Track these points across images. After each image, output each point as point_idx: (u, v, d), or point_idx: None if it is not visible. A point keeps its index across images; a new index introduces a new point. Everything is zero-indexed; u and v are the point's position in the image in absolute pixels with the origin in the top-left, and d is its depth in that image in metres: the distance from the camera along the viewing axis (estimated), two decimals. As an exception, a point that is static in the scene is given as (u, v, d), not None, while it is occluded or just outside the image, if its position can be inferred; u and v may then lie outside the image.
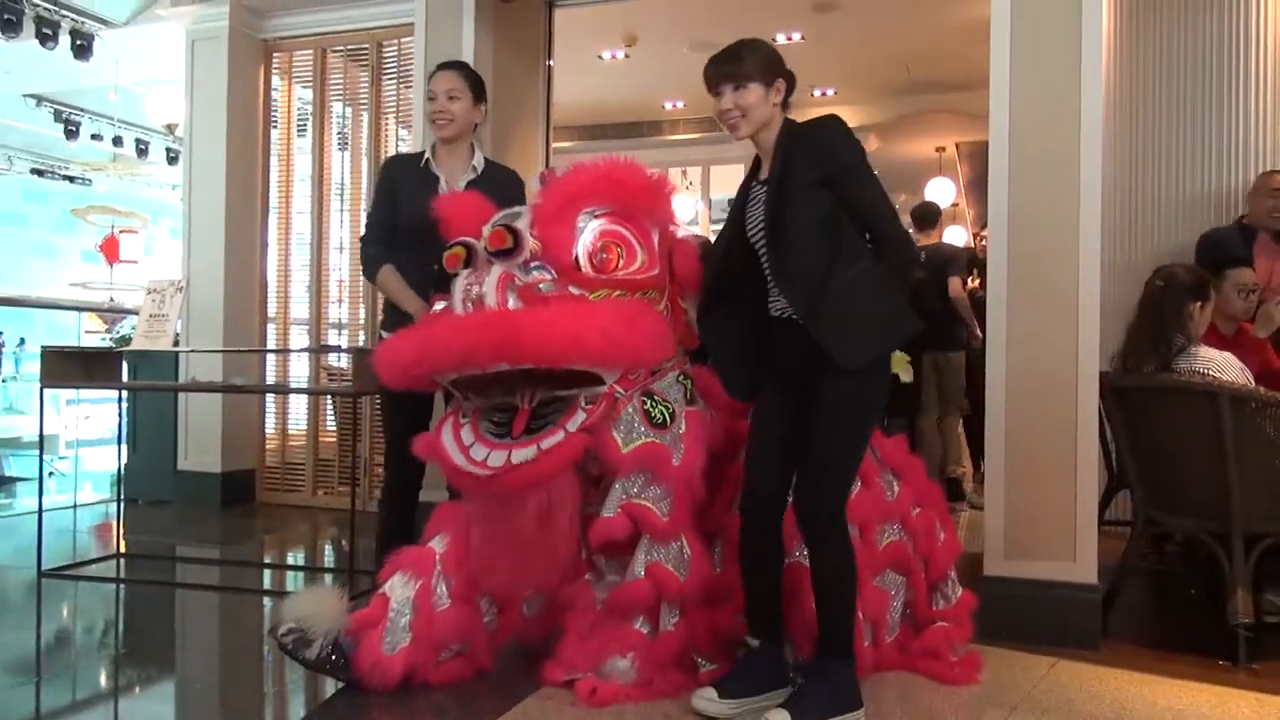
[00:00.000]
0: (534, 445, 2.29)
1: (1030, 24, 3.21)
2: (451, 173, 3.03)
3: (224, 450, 5.35)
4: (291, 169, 5.61)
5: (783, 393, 2.38)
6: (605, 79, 7.92)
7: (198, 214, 5.42)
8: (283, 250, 5.60)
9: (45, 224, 11.94)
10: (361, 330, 5.40)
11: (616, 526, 2.40)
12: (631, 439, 2.40)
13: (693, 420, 2.51)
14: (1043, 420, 3.12)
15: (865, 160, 2.32)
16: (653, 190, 2.52)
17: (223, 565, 4.18)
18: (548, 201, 2.43)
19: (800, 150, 2.30)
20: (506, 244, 2.30)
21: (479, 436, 2.34)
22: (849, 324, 2.22)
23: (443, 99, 3.00)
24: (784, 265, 2.29)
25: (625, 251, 2.43)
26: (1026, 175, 3.20)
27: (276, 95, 5.64)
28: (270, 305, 5.59)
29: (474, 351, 2.15)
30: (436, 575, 2.48)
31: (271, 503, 5.48)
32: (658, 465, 2.41)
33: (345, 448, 5.34)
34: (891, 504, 2.74)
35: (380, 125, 5.38)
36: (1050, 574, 3.09)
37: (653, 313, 2.38)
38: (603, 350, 2.19)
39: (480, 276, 2.31)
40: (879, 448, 2.90)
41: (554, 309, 2.21)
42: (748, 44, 2.37)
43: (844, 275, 2.22)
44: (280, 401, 5.58)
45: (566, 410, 2.32)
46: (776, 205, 2.30)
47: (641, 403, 2.43)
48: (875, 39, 7.03)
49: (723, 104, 2.34)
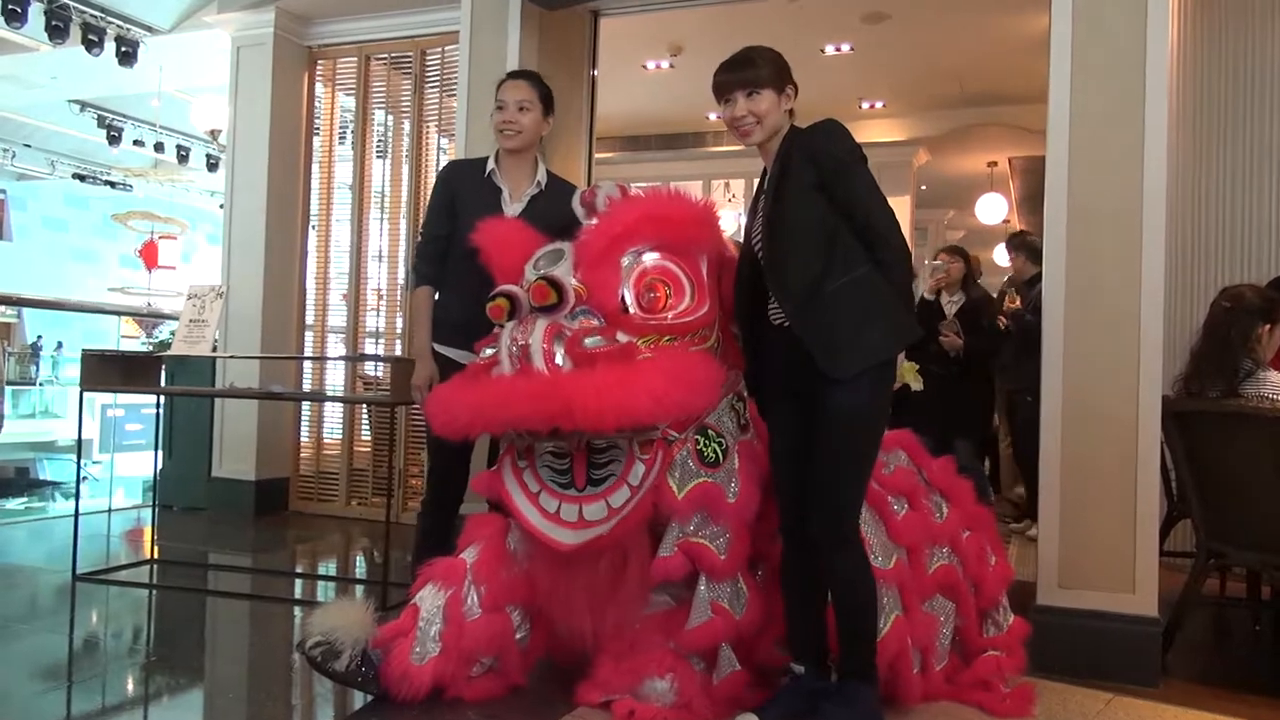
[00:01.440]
0: (602, 500, 2.33)
1: (1091, 35, 3.18)
2: (515, 186, 3.00)
3: (258, 458, 5.43)
4: (332, 177, 5.70)
5: (789, 405, 2.37)
6: (649, 89, 7.96)
7: (238, 220, 5.52)
8: (321, 258, 5.68)
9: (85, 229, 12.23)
10: (398, 339, 5.45)
11: (674, 566, 2.40)
12: (686, 482, 2.40)
13: (744, 453, 2.50)
14: (1101, 445, 3.06)
15: (860, 161, 2.31)
16: (698, 221, 2.47)
17: (254, 574, 4.22)
18: (590, 244, 2.41)
19: (797, 153, 2.31)
20: (550, 299, 2.29)
21: (544, 484, 2.38)
22: (841, 332, 2.20)
23: (512, 109, 2.96)
24: (778, 270, 2.29)
25: (673, 289, 2.39)
26: (1085, 193, 3.15)
27: (319, 102, 5.74)
28: (308, 313, 5.67)
29: (526, 422, 2.19)
30: (467, 584, 2.49)
31: (305, 512, 5.54)
32: (713, 504, 2.41)
33: (380, 458, 5.38)
34: (940, 526, 2.71)
35: (422, 133, 5.45)
36: (1107, 605, 3.03)
37: (702, 362, 2.33)
38: (653, 413, 2.18)
39: (526, 327, 2.30)
40: (926, 468, 2.87)
41: (601, 375, 2.17)
42: (759, 50, 2.40)
43: (838, 281, 2.21)
44: (316, 410, 5.64)
45: (624, 458, 2.34)
46: (772, 208, 2.31)
47: (695, 442, 2.43)
48: (927, 51, 6.99)
49: (736, 110, 2.36)
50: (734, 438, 2.51)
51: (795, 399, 2.34)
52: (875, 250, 2.24)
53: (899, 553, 2.57)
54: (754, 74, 2.35)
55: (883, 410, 2.32)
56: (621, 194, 2.53)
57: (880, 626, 2.40)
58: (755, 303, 2.42)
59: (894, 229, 2.28)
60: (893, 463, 2.76)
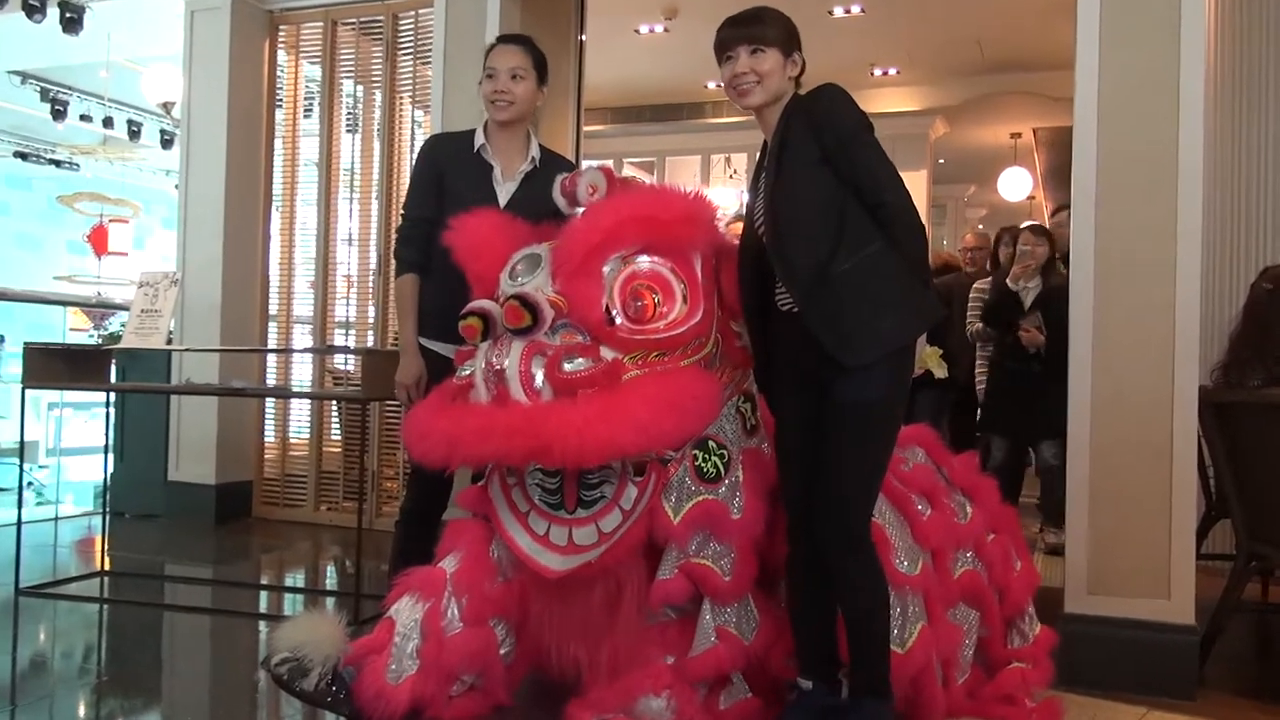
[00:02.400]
0: (592, 524, 2.34)
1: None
2: (507, 163, 2.98)
3: (219, 460, 5.42)
4: (297, 153, 5.68)
5: (797, 396, 2.37)
6: (642, 56, 7.95)
7: (194, 201, 5.50)
8: (286, 242, 5.66)
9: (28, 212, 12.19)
10: (370, 330, 5.45)
11: (675, 590, 2.40)
12: (683, 503, 2.39)
13: (750, 462, 2.49)
14: (1132, 439, 3.07)
15: (867, 129, 2.30)
16: (689, 218, 2.40)
17: (215, 586, 4.21)
18: (568, 253, 2.36)
19: (798, 123, 2.31)
20: (524, 322, 2.25)
21: (533, 504, 2.39)
22: (851, 315, 2.20)
23: (504, 77, 2.93)
24: (783, 252, 2.28)
25: (663, 295, 2.35)
26: (1116, 166, 3.16)
27: (282, 72, 5.72)
28: (272, 302, 5.66)
29: (504, 457, 2.19)
30: (447, 596, 2.49)
31: (270, 518, 5.54)
32: (715, 523, 2.40)
33: (351, 459, 5.38)
34: (964, 528, 2.72)
35: (395, 106, 5.43)
36: (1140, 612, 3.04)
37: (696, 381, 2.31)
38: (640, 446, 2.17)
39: (502, 349, 2.28)
40: (947, 466, 2.87)
41: (584, 406, 2.15)
42: (768, 9, 2.40)
43: (849, 261, 2.21)
44: (281, 407, 5.64)
45: (616, 479, 2.34)
46: (774, 185, 2.30)
47: (692, 458, 2.42)
48: (944, 13, 6.99)
49: (737, 67, 2.35)
50: (738, 446, 2.51)
51: (806, 390, 2.34)
52: (887, 226, 2.24)
53: (924, 556, 2.57)
54: (761, 30, 2.35)
55: (899, 400, 2.32)
56: (606, 181, 2.48)
57: (905, 638, 2.40)
58: (762, 288, 2.41)
59: (907, 202, 2.27)
60: (911, 460, 2.76)
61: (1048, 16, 6.52)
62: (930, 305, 2.29)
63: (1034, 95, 8.35)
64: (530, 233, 2.57)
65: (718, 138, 9.75)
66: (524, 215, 2.68)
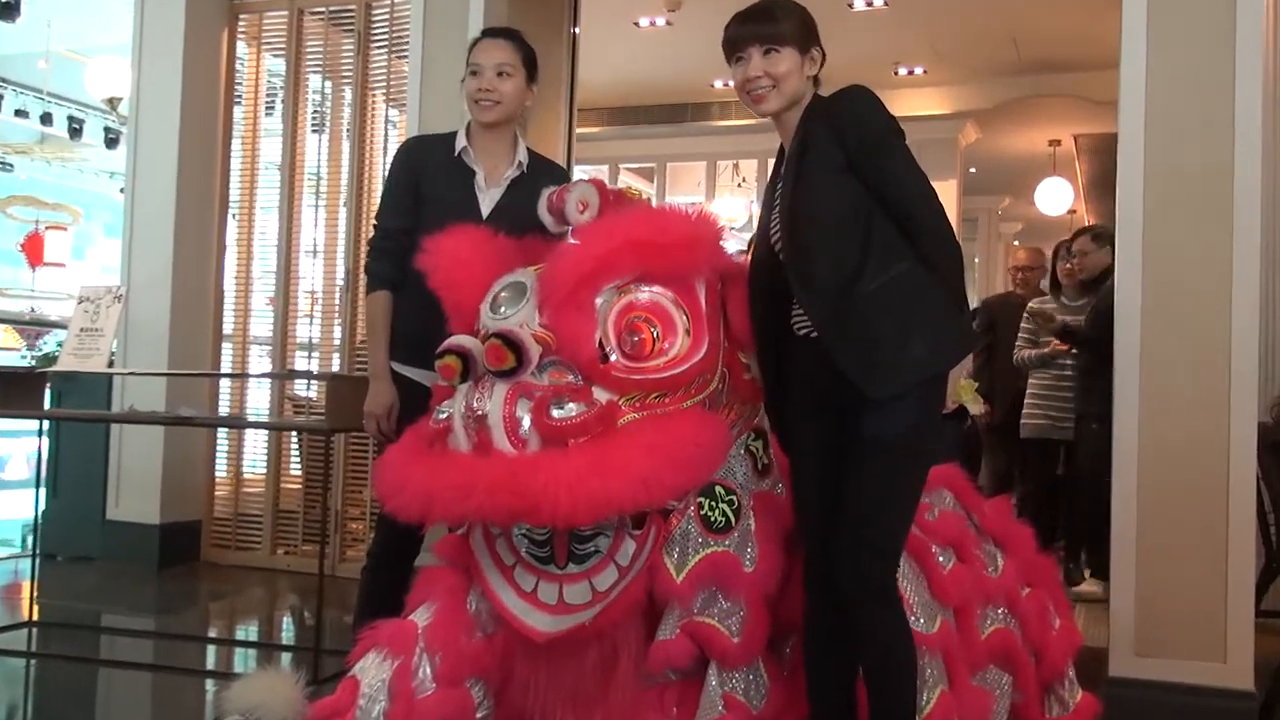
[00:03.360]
0: (585, 581, 2.32)
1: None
2: (491, 167, 3.00)
3: (164, 497, 5.39)
4: (257, 155, 5.70)
5: (815, 431, 2.36)
6: (642, 51, 8.01)
7: (142, 207, 5.51)
8: (243, 254, 5.67)
9: (-44, 218, 12.21)
10: (336, 353, 5.45)
11: (677, 652, 2.38)
12: (688, 558, 2.38)
13: (763, 508, 2.48)
14: (1184, 483, 3.08)
15: (897, 133, 2.32)
16: (691, 242, 2.38)
17: (158, 639, 4.19)
18: (557, 282, 2.33)
19: (820, 127, 2.32)
20: (507, 364, 2.22)
21: (520, 557, 2.37)
22: (877, 341, 2.20)
23: (490, 75, 2.95)
24: (802, 270, 2.28)
25: (662, 328, 2.32)
26: (1165, 179, 3.18)
27: (242, 65, 5.74)
28: (226, 321, 5.66)
29: (486, 516, 2.18)
30: (419, 653, 2.46)
31: (220, 563, 5.51)
32: (725, 578, 2.39)
33: (313, 497, 5.37)
34: (994, 582, 2.71)
35: (366, 103, 5.46)
36: (1193, 676, 3.04)
37: (700, 427, 2.29)
38: (639, 500, 2.14)
39: (484, 392, 2.26)
40: (977, 512, 2.87)
41: (574, 459, 2.13)
42: (781, 2, 2.40)
43: (876, 280, 2.21)
44: (234, 438, 5.62)
45: (611, 531, 2.33)
46: (792, 195, 2.31)
47: (698, 507, 2.41)
48: (975, 6, 7.05)
49: (750, 70, 2.36)
50: (749, 489, 2.50)
51: (824, 424, 2.34)
52: (918, 242, 2.25)
53: (945, 614, 2.56)
54: (774, 28, 2.35)
55: (930, 436, 2.32)
56: (599, 196, 2.48)
57: (922, 703, 2.38)
58: (776, 310, 2.42)
59: (941, 215, 2.28)
60: (937, 505, 2.76)
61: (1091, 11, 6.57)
62: (966, 331, 2.30)
63: (1075, 98, 8.41)
64: (515, 251, 2.56)
65: (725, 142, 9.80)
66: (509, 225, 2.68)
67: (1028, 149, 10.51)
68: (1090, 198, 11.78)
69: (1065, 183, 10.47)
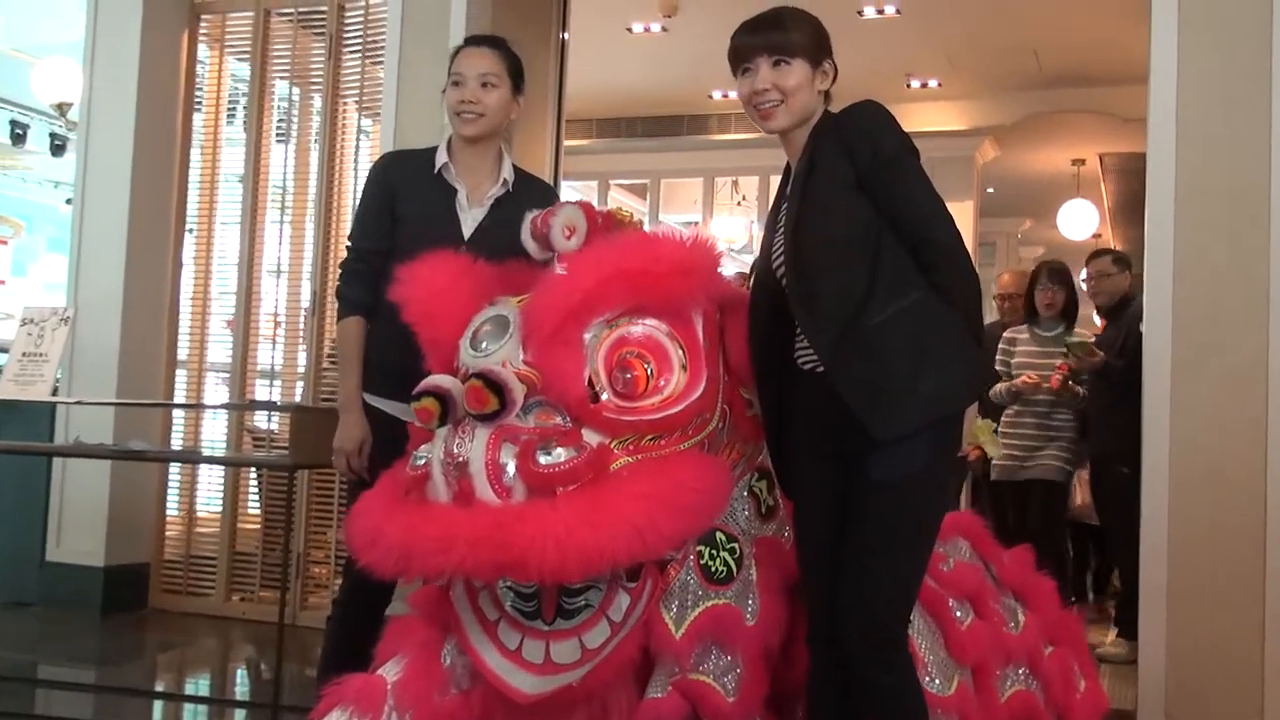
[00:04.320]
0: (574, 638, 2.31)
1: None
2: (474, 185, 3.02)
3: (109, 537, 5.36)
4: (218, 166, 5.71)
5: (820, 473, 2.37)
6: (635, 58, 8.06)
7: (91, 221, 5.51)
8: (201, 273, 5.67)
9: (-113, 230, 12.20)
10: (300, 382, 5.44)
11: (668, 712, 2.36)
12: (687, 612, 2.37)
13: (765, 555, 2.48)
14: (1219, 527, 3.09)
15: (910, 151, 2.34)
16: (687, 272, 2.37)
17: (100, 693, 4.16)
18: (542, 317, 2.32)
19: (829, 144, 2.33)
20: (489, 407, 2.21)
21: (504, 612, 2.35)
22: (890, 377, 2.21)
23: (473, 85, 2.97)
24: (806, 297, 2.29)
25: (656, 365, 2.32)
26: (1197, 201, 3.21)
27: (203, 69, 5.75)
28: (181, 345, 5.65)
29: (468, 572, 2.17)
30: (388, 711, 2.44)
31: (170, 609, 5.47)
32: (725, 632, 2.39)
33: (273, 539, 5.34)
34: (1015, 639, 2.71)
35: (337, 112, 5.47)
36: (1230, 743, 3.04)
37: (700, 470, 2.30)
38: (634, 553, 2.14)
39: (464, 436, 2.25)
40: (996, 562, 2.88)
41: (564, 510, 2.13)
42: (793, 10, 2.42)
43: (886, 310, 2.22)
44: (188, 474, 5.59)
45: (604, 584, 2.32)
46: (798, 216, 2.32)
47: (697, 556, 2.41)
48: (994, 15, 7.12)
49: (757, 83, 2.37)
50: (750, 535, 2.50)
51: (830, 465, 2.34)
52: (933, 269, 2.26)
53: (962, 674, 2.56)
54: (785, 38, 2.37)
55: (943, 480, 2.33)
56: (586, 221, 2.48)
57: (937, 771, 2.39)
58: (778, 340, 2.43)
59: (956, 240, 2.30)
60: (953, 555, 2.76)
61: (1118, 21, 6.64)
62: (983, 366, 2.31)
63: (1100, 114, 8.47)
64: (496, 279, 2.56)
65: (724, 157, 9.84)
66: (492, 248, 2.69)
67: (1050, 168, 10.58)
68: (1117, 221, 11.85)
69: (1090, 205, 10.53)
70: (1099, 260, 5.34)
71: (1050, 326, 5.25)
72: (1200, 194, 3.20)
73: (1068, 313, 5.27)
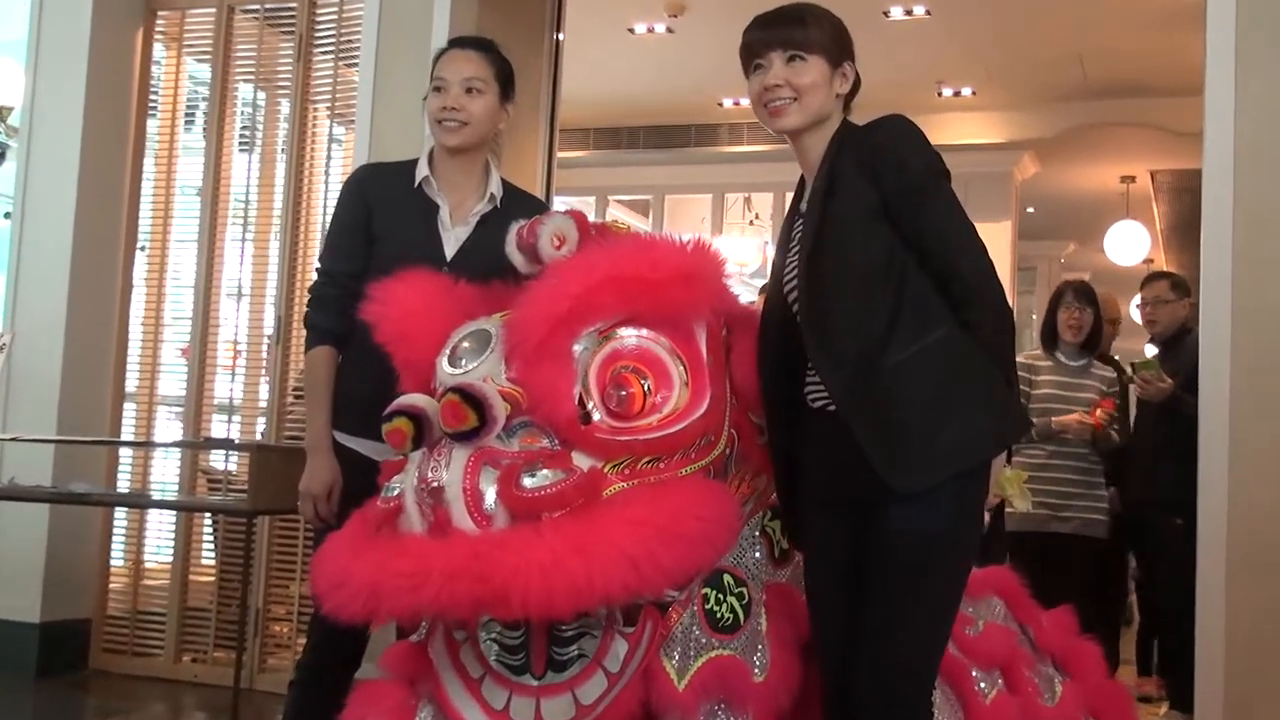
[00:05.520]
0: (568, 692, 2.30)
1: (1265, 3, 3.27)
2: (458, 201, 3.03)
3: (46, 590, 5.33)
4: (174, 176, 5.73)
5: (835, 524, 2.37)
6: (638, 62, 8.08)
7: (32, 237, 5.51)
8: (153, 296, 5.68)
9: None
10: (262, 418, 5.43)
11: None
12: (690, 662, 2.37)
13: (778, 604, 2.48)
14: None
15: (941, 174, 2.35)
16: (688, 278, 2.38)
17: (34, 764, 4.14)
18: (527, 329, 2.32)
19: (852, 162, 2.34)
20: (467, 424, 2.19)
21: (489, 668, 2.35)
22: (911, 423, 2.22)
23: (457, 91, 2.98)
24: (821, 331, 2.30)
25: (654, 381, 2.32)
26: (1258, 222, 3.22)
27: (159, 70, 5.78)
28: (130, 376, 5.65)
29: (444, 609, 2.13)
30: (356, 788, 2.45)
31: (113, 671, 5.44)
32: (732, 688, 2.38)
33: (229, 593, 5.32)
34: (1051, 712, 2.70)
35: (306, 118, 5.48)
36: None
37: (704, 496, 2.28)
38: (629, 587, 2.12)
39: (440, 460, 2.23)
40: (1033, 624, 2.86)
41: (551, 538, 2.11)
42: (813, 7, 2.44)
43: (907, 348, 2.23)
44: (135, 520, 5.58)
45: (599, 630, 2.31)
46: (814, 240, 2.33)
47: (702, 600, 2.40)
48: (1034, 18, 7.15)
49: (769, 78, 2.39)
50: (761, 581, 2.50)
51: (844, 515, 2.34)
52: (962, 306, 2.27)
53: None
54: (802, 33, 2.39)
55: (969, 536, 2.32)
56: (578, 230, 2.49)
57: None
58: (788, 373, 2.43)
59: (990, 276, 2.31)
60: (982, 616, 2.75)
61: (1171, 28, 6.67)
62: (1015, 413, 2.31)
63: (1152, 128, 8.49)
64: (479, 301, 2.56)
65: (734, 171, 9.86)
66: (477, 268, 2.70)
67: (1096, 186, 10.60)
68: (1170, 245, 11.86)
69: (1140, 227, 10.53)
70: (1155, 284, 5.31)
71: (1075, 355, 5.17)
72: (1260, 214, 3.21)
73: (1092, 339, 5.18)
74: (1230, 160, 3.25)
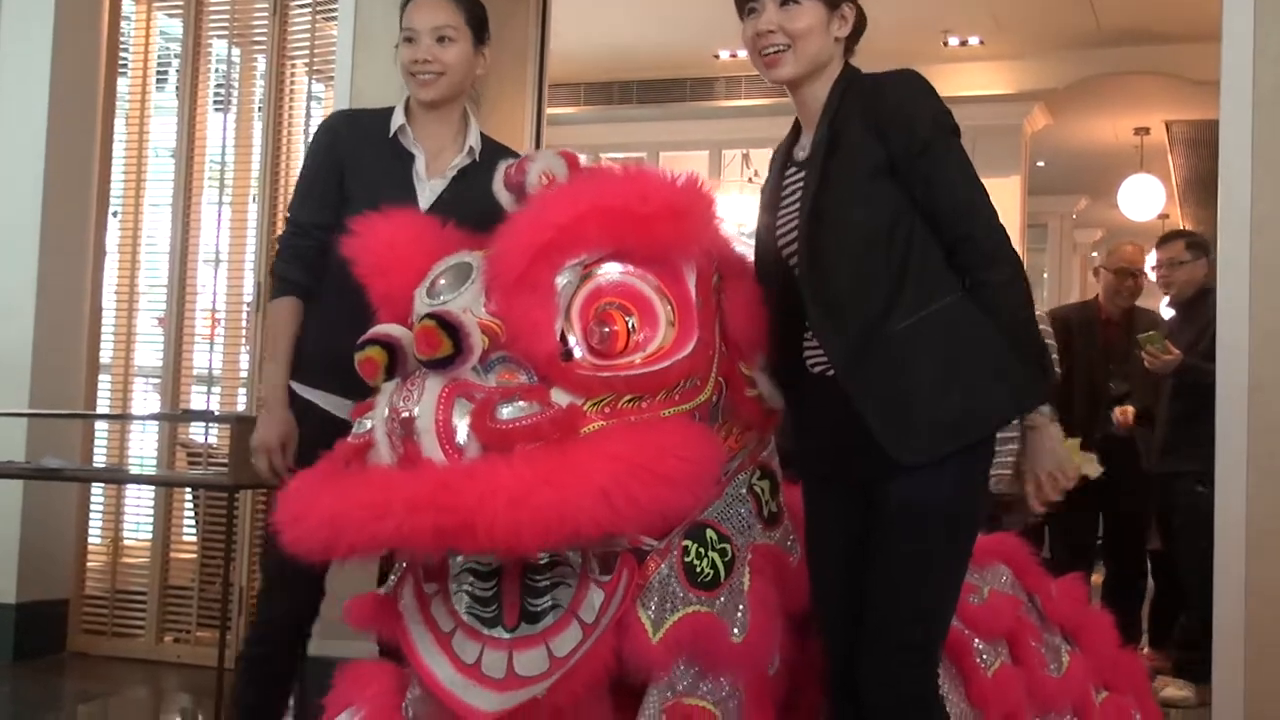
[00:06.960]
0: (541, 645, 2.30)
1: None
2: (435, 152, 3.03)
3: (21, 570, 5.34)
4: (146, 138, 5.72)
5: (839, 494, 2.38)
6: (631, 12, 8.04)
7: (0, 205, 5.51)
8: (127, 263, 5.67)
9: None
10: (243, 388, 5.44)
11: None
12: (665, 615, 2.36)
13: (763, 566, 2.48)
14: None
15: (951, 131, 2.34)
16: (678, 214, 2.36)
17: (11, 749, 4.16)
18: (508, 259, 2.31)
19: (858, 113, 2.33)
20: (442, 350, 2.19)
21: (460, 620, 2.34)
22: (911, 394, 2.22)
23: (427, 40, 2.98)
24: (821, 294, 2.30)
25: (639, 318, 2.31)
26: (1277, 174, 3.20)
27: (129, 26, 5.76)
28: (104, 348, 5.65)
29: (405, 539, 2.11)
30: (342, 771, 2.46)
31: (92, 652, 5.47)
32: (708, 649, 2.38)
33: (212, 570, 5.34)
34: (1057, 683, 2.71)
35: (283, 75, 5.47)
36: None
37: (686, 436, 2.27)
38: (602, 522, 2.09)
39: (413, 391, 2.23)
40: (1041, 593, 2.87)
41: (522, 467, 2.10)
42: None
43: (914, 315, 2.23)
44: (113, 496, 5.60)
45: (574, 579, 2.32)
46: (815, 198, 2.32)
47: (682, 552, 2.41)
48: (1045, -38, 7.11)
49: (761, 23, 2.36)
50: (747, 539, 2.50)
51: (847, 484, 2.35)
52: (975, 267, 2.27)
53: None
54: None
55: (974, 513, 2.34)
56: (568, 168, 2.48)
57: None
58: (786, 336, 2.43)
59: (1000, 237, 2.30)
60: (987, 585, 2.75)
61: (1186, -30, 6.65)
62: (1031, 381, 2.27)
63: (1167, 77, 8.46)
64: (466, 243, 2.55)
65: (732, 127, 9.82)
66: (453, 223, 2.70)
67: (1109, 139, 10.57)
68: (1186, 199, 11.85)
69: (1156, 180, 10.51)
70: (1170, 245, 5.29)
71: None
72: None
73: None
74: (1249, 109, 3.23)
